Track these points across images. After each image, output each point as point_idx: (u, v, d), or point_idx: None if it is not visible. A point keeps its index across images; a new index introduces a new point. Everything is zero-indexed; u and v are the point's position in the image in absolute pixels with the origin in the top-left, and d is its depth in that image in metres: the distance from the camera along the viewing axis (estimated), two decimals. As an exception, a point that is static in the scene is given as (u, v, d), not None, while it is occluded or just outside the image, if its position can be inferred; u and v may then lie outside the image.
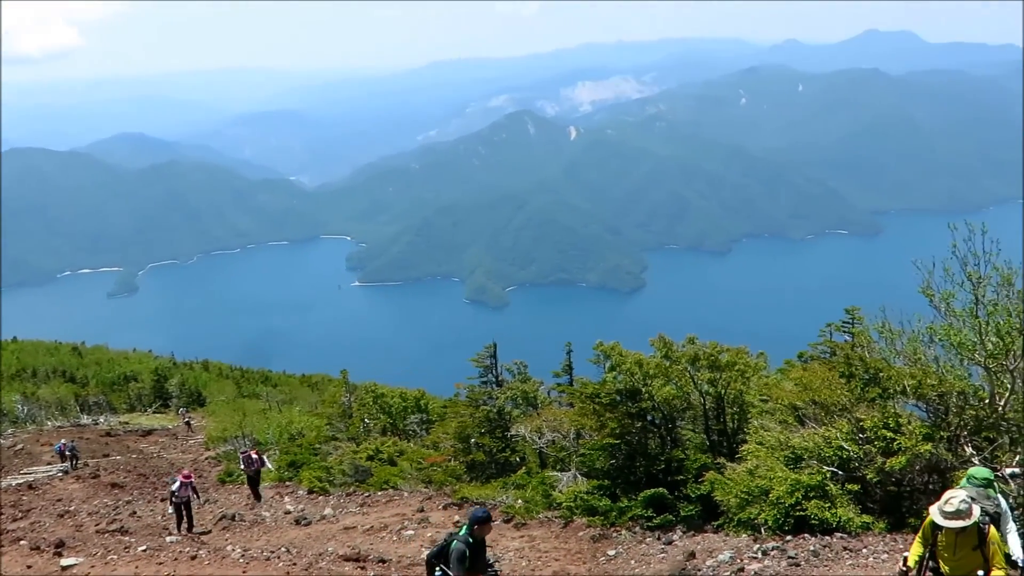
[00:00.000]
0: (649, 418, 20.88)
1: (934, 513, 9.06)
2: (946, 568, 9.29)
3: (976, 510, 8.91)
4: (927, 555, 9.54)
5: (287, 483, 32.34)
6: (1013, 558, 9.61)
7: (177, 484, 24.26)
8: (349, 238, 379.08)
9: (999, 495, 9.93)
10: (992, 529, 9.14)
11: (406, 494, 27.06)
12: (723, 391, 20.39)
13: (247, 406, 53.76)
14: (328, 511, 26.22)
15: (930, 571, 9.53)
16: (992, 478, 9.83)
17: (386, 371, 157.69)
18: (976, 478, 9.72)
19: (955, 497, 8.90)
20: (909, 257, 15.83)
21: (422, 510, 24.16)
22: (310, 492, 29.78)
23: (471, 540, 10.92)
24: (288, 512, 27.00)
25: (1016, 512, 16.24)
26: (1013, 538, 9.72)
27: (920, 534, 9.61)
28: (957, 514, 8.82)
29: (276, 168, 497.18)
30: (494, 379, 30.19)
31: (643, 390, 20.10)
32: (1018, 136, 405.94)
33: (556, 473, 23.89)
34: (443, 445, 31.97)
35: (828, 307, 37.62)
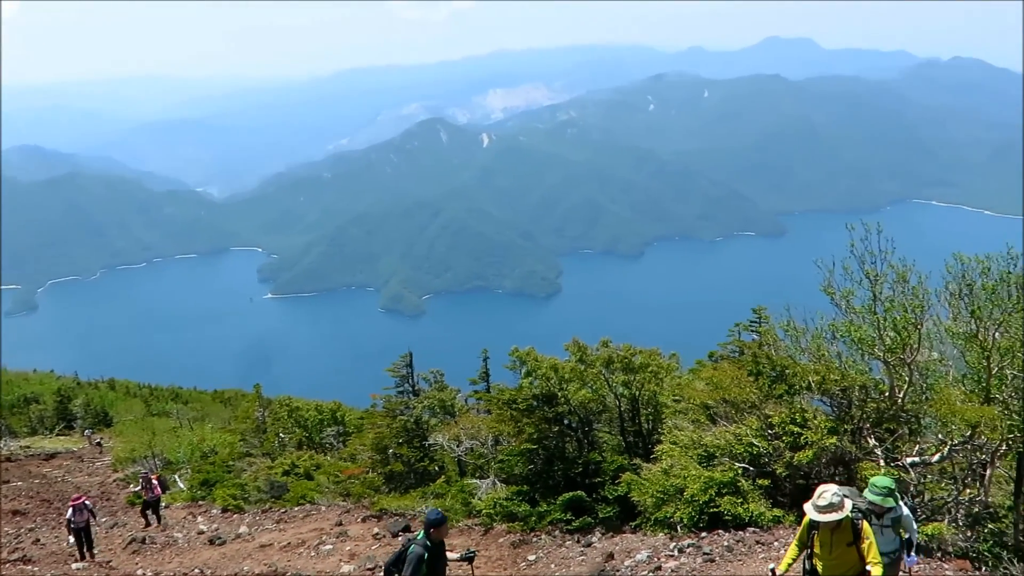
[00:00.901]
0: (566, 422, 21.04)
1: (808, 509, 9.08)
2: (823, 569, 9.32)
3: (848, 504, 9.00)
4: (805, 559, 9.53)
5: (200, 502, 31.51)
6: (908, 537, 10.05)
7: (71, 511, 23.40)
8: (260, 249, 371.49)
9: (899, 502, 10.02)
10: (865, 524, 9.24)
11: (324, 508, 26.64)
12: (637, 392, 20.69)
13: (156, 425, 52.15)
14: (243, 529, 25.62)
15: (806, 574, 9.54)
16: (892, 486, 9.80)
17: (301, 384, 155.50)
18: (877, 487, 9.71)
19: (827, 491, 8.98)
20: (812, 256, 16.31)
21: (340, 524, 23.82)
22: (224, 511, 29.07)
23: (429, 544, 10.77)
24: (201, 532, 26.29)
25: (919, 499, 16.95)
26: (914, 527, 10.08)
27: (796, 539, 9.63)
28: (830, 507, 8.88)
29: (183, 179, 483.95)
30: (411, 388, 29.98)
31: (559, 394, 20.25)
32: (911, 138, 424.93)
33: (475, 481, 23.85)
34: (360, 457, 31.59)
35: (737, 307, 38.50)
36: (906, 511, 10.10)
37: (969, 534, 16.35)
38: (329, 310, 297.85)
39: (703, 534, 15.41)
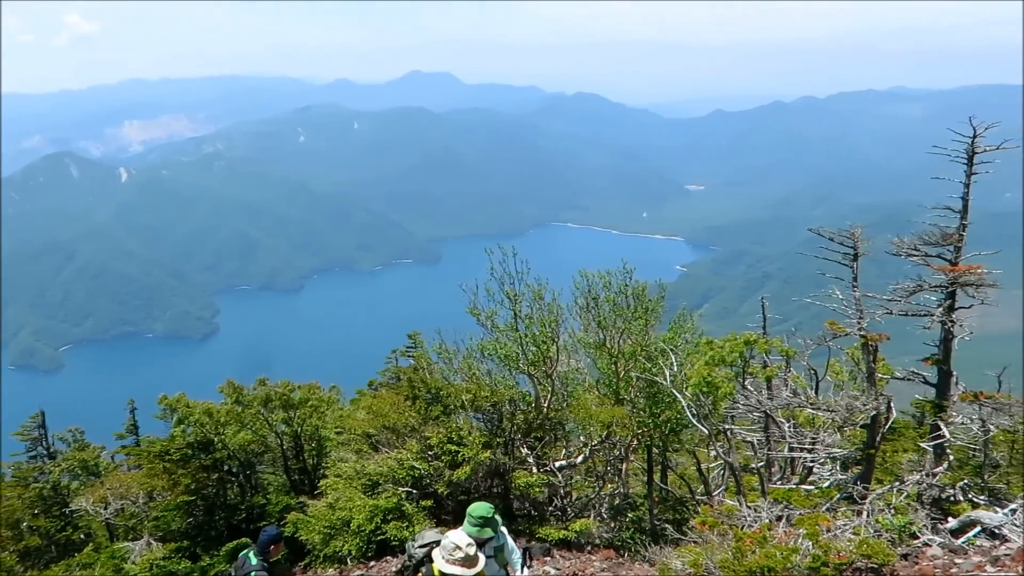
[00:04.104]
0: (226, 468, 20.17)
1: (439, 561, 8.48)
2: None
3: (482, 559, 8.56)
4: None
5: None
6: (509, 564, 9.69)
7: None
8: None
9: (501, 529, 9.63)
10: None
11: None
12: (299, 429, 20.35)
13: None
14: None
15: None
16: (490, 515, 9.33)
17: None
18: (474, 517, 9.22)
19: (460, 541, 8.46)
20: (467, 281, 17.06)
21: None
22: None
23: (267, 564, 9.83)
24: None
25: (567, 500, 18.30)
26: (516, 557, 9.90)
27: None
28: (466, 560, 8.37)
29: None
30: (45, 452, 26.97)
31: (216, 440, 19.39)
32: (547, 166, 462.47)
33: (128, 543, 21.95)
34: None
35: (397, 334, 39.27)
36: (509, 540, 9.72)
37: (613, 525, 17.97)
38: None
39: (372, 563, 15.45)
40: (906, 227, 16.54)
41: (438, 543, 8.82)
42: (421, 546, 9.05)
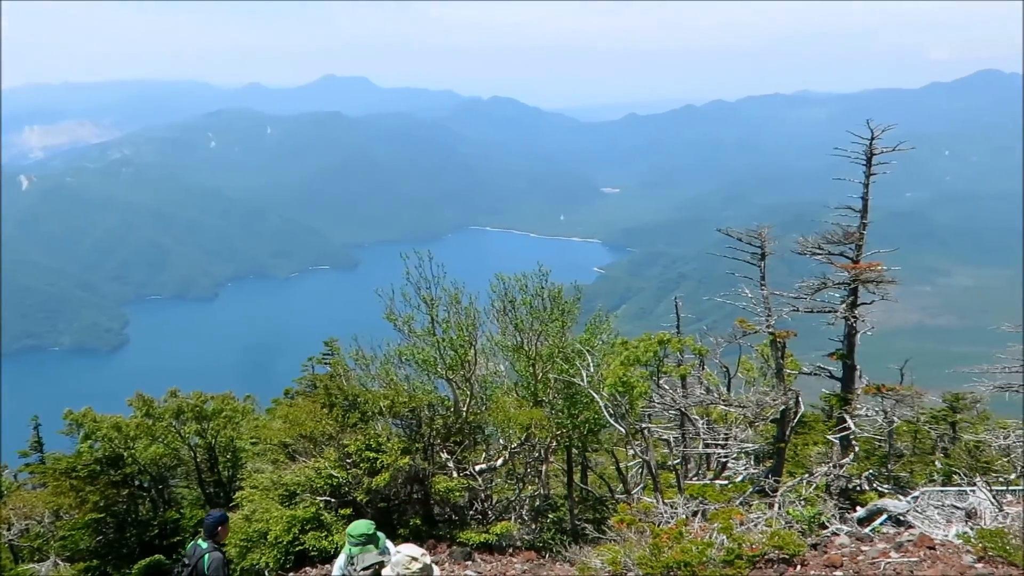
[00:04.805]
0: (137, 483, 19.62)
1: None
2: None
3: (436, 569, 8.68)
4: None
5: None
6: None
7: None
8: None
9: (383, 545, 9.38)
10: None
11: None
12: (213, 440, 19.91)
13: None
14: None
15: None
16: (371, 531, 9.21)
17: None
18: (354, 536, 9.07)
19: (414, 553, 8.51)
20: (384, 286, 16.95)
21: None
22: None
23: (218, 545, 9.60)
24: None
25: (488, 503, 18.31)
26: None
27: None
28: (423, 570, 8.39)
29: None
30: (-59, 474, 25.79)
31: (126, 454, 18.82)
32: (465, 170, 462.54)
33: (34, 565, 21.13)
34: None
35: (314, 342, 38.76)
36: (391, 554, 9.31)
37: (534, 526, 18.07)
38: None
39: (291, 574, 15.21)
40: (812, 227, 17.10)
41: (382, 564, 8.82)
42: (364, 569, 8.86)
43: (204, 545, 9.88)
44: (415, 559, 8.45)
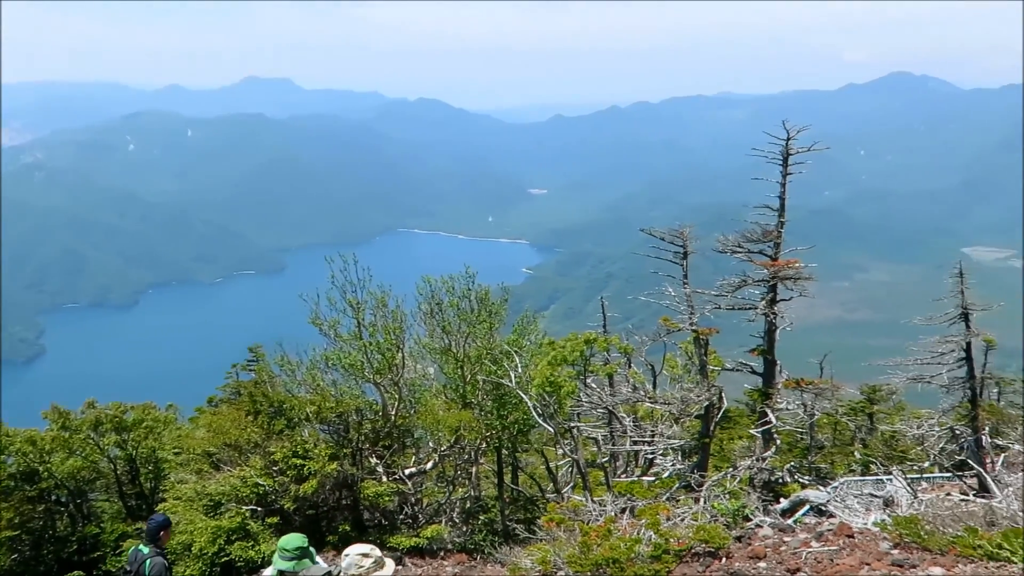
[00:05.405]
0: (54, 497, 18.99)
1: None
2: None
3: (389, 562, 8.61)
4: None
5: None
6: None
7: None
8: None
9: (315, 560, 9.21)
10: None
11: None
12: (134, 452, 19.40)
13: None
14: None
15: None
16: (304, 545, 9.05)
17: None
18: (288, 550, 8.91)
19: (363, 550, 8.48)
20: (311, 291, 16.74)
21: None
22: None
23: (160, 551, 9.35)
24: None
25: (418, 506, 18.23)
26: None
27: None
28: (377, 563, 8.38)
29: None
30: None
31: (41, 469, 18.19)
32: (393, 172, 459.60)
33: (-57, 588, 20.31)
34: None
35: (239, 348, 38.07)
36: (322, 570, 9.18)
37: (465, 529, 18.05)
38: None
39: (217, 587, 14.92)
40: (733, 226, 17.47)
41: (329, 574, 8.81)
42: None
43: (146, 550, 9.71)
44: (366, 555, 8.53)
